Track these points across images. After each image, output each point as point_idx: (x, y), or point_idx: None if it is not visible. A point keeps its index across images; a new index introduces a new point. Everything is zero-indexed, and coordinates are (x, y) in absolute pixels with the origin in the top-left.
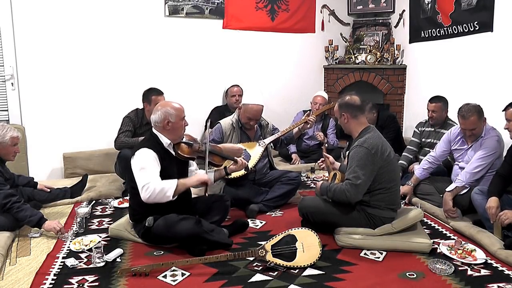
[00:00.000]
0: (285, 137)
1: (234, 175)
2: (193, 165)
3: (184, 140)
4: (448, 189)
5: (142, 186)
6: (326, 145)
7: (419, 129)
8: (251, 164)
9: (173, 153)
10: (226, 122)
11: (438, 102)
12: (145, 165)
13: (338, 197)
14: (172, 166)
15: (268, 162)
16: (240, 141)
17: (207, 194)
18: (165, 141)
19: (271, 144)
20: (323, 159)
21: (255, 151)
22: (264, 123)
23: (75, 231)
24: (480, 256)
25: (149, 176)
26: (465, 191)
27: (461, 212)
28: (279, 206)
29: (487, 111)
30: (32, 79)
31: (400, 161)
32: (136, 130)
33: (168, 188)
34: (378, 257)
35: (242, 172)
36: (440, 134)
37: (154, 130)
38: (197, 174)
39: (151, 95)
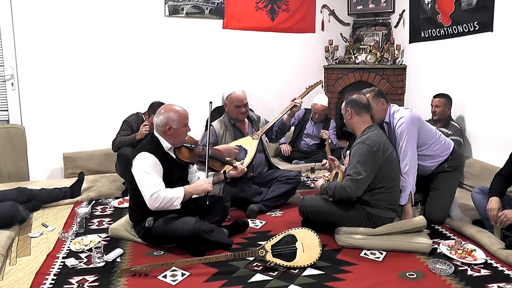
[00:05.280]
0: (278, 126)
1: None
2: (193, 167)
3: (185, 143)
4: (402, 203)
5: (150, 195)
6: (330, 140)
7: None
8: (248, 158)
9: (173, 156)
10: (216, 123)
11: (442, 97)
12: (149, 170)
13: (339, 194)
14: (173, 170)
15: (265, 158)
16: (234, 138)
17: (208, 202)
18: (166, 145)
19: (266, 139)
20: (326, 161)
21: (251, 145)
22: (255, 117)
23: (75, 231)
24: (480, 256)
25: (155, 184)
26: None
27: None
28: (279, 206)
29: (487, 111)
30: (32, 79)
31: None
32: (134, 134)
33: (177, 198)
34: (378, 257)
35: None
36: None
37: (155, 133)
38: (202, 181)
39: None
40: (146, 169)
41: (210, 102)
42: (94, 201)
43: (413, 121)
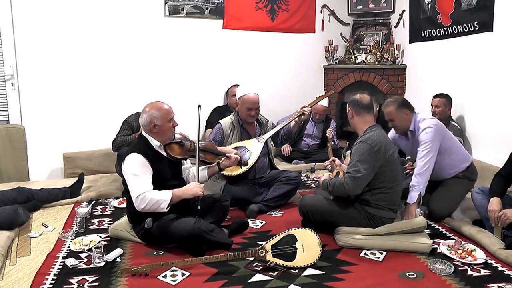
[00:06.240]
0: (284, 132)
1: (233, 173)
2: (187, 163)
3: (175, 139)
4: (409, 201)
5: (136, 196)
6: (333, 143)
7: None
8: (251, 161)
9: (164, 154)
10: (226, 121)
11: (442, 97)
12: (137, 172)
13: (338, 190)
14: (165, 168)
15: (269, 160)
16: (241, 139)
17: (199, 207)
18: (155, 143)
19: (272, 142)
20: (329, 161)
21: (256, 148)
22: (264, 120)
23: (75, 231)
24: (480, 256)
25: (142, 185)
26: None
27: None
28: (279, 206)
29: (487, 111)
30: (32, 79)
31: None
32: (134, 133)
33: (163, 201)
34: (378, 257)
35: (240, 170)
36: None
37: (143, 133)
38: (192, 185)
39: None
40: (134, 171)
41: (199, 106)
42: (94, 201)
43: (438, 131)
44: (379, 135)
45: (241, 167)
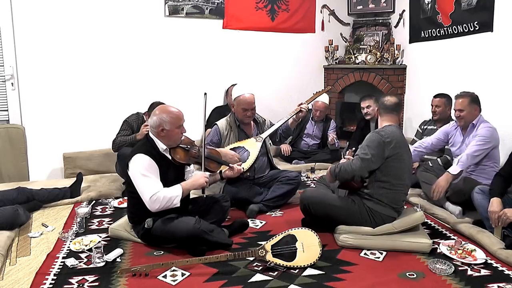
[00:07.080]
0: (282, 129)
1: None
2: (190, 167)
3: (181, 144)
4: (452, 171)
5: (149, 197)
6: (348, 151)
7: (422, 127)
8: (250, 160)
9: (169, 157)
10: (222, 122)
11: (442, 97)
12: (146, 173)
13: (344, 171)
14: (169, 171)
15: (268, 160)
16: (238, 139)
17: (205, 195)
18: (161, 146)
19: (270, 141)
20: (346, 159)
21: (254, 147)
22: (261, 120)
23: (75, 231)
24: (480, 256)
25: (153, 186)
26: (459, 178)
27: (462, 209)
28: (279, 206)
29: (487, 111)
30: (32, 79)
31: None
32: (135, 134)
33: (175, 197)
34: (378, 257)
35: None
36: None
37: (150, 134)
38: (198, 176)
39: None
40: (143, 171)
41: (205, 94)
42: (94, 201)
43: (496, 134)
44: (394, 131)
45: (242, 176)
